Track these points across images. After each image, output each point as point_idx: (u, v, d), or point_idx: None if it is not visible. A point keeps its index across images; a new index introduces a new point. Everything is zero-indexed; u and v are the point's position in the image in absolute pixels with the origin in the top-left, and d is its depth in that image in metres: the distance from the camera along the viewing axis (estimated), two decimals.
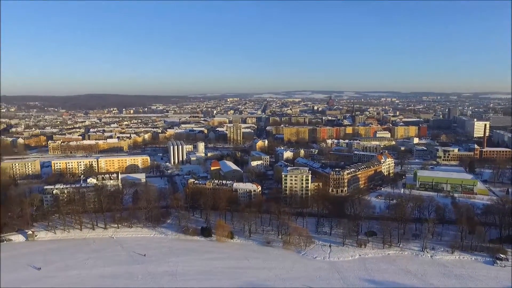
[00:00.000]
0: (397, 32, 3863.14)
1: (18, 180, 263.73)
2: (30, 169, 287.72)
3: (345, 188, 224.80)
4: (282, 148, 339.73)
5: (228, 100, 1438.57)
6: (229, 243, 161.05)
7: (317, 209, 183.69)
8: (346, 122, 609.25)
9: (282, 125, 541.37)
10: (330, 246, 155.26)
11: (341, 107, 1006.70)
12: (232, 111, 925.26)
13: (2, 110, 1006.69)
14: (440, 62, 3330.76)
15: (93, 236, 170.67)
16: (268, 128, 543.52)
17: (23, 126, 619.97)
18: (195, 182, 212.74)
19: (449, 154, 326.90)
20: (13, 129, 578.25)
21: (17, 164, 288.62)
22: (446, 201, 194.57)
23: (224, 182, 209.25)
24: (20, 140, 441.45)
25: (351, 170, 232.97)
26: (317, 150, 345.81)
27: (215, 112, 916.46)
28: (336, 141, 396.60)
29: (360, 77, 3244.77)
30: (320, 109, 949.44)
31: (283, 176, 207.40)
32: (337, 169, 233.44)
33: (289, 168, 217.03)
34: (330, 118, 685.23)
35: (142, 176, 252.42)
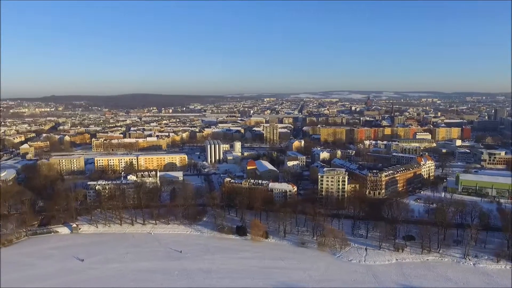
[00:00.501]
0: (439, 29, 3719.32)
1: (65, 175, 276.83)
2: (75, 165, 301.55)
3: (383, 191, 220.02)
4: (319, 148, 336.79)
5: (265, 100, 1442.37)
6: (264, 242, 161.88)
7: (353, 211, 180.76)
8: (384, 123, 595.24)
9: (319, 126, 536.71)
10: (366, 249, 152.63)
11: (379, 107, 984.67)
12: (268, 111, 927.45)
13: (51, 109, 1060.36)
14: (486, 60, 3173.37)
15: (132, 231, 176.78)
16: (304, 128, 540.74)
17: (69, 124, 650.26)
18: (231, 181, 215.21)
19: (495, 158, 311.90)
20: (60, 127, 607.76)
21: (63, 160, 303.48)
22: (491, 207, 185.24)
23: (260, 181, 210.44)
24: (67, 138, 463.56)
25: (389, 172, 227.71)
26: (354, 151, 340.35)
27: (252, 112, 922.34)
28: (374, 142, 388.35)
29: (399, 76, 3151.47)
30: (358, 109, 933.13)
31: (319, 176, 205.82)
32: (375, 171, 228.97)
33: (325, 169, 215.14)
34: (368, 118, 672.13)
35: (179, 174, 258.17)
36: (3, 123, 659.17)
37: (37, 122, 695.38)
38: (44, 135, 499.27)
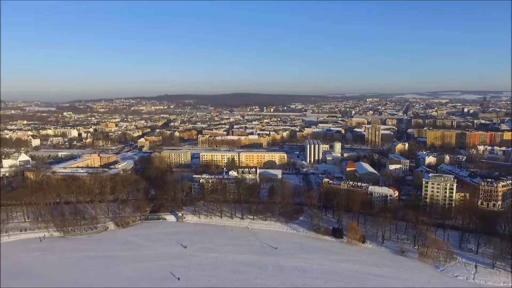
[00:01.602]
0: None
1: (173, 168, 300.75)
2: (182, 159, 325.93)
3: (499, 202, 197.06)
4: (424, 152, 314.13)
5: (368, 100, 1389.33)
6: (360, 247, 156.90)
7: (462, 222, 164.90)
8: (504, 126, 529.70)
9: (425, 128, 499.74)
10: (475, 266, 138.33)
11: (498, 109, 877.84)
12: (371, 112, 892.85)
13: (164, 107, 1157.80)
14: None
15: (231, 224, 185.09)
16: (409, 130, 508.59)
17: (179, 121, 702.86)
18: (330, 182, 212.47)
19: None
20: (171, 124, 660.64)
21: (173, 154, 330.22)
22: None
23: (359, 184, 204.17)
24: (176, 133, 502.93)
25: (507, 182, 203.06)
26: (465, 157, 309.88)
27: (353, 112, 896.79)
28: (489, 148, 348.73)
29: None
30: (471, 111, 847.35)
31: (423, 182, 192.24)
32: (490, 179, 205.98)
33: (431, 174, 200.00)
34: (483, 121, 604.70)
35: (278, 172, 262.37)
36: (125, 119, 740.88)
37: (152, 118, 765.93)
38: (157, 130, 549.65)
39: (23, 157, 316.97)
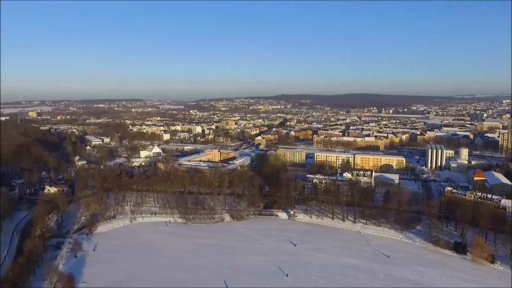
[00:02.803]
0: None
1: (288, 166, 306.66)
2: (297, 158, 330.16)
3: None
4: None
5: (504, 102, 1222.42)
6: (488, 267, 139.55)
7: None
8: None
9: None
10: None
11: None
12: (507, 115, 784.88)
13: (281, 107, 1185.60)
14: None
15: (342, 226, 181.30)
16: None
17: (295, 121, 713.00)
18: (453, 191, 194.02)
19: None
20: (288, 123, 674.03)
21: (288, 153, 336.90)
22: None
23: (489, 196, 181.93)
24: (292, 133, 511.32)
25: None
26: None
27: (485, 115, 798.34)
28: None
29: None
30: None
31: None
32: None
33: None
34: None
35: (395, 177, 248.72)
36: (244, 118, 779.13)
37: (270, 117, 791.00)
38: (274, 129, 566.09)
39: (156, 149, 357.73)
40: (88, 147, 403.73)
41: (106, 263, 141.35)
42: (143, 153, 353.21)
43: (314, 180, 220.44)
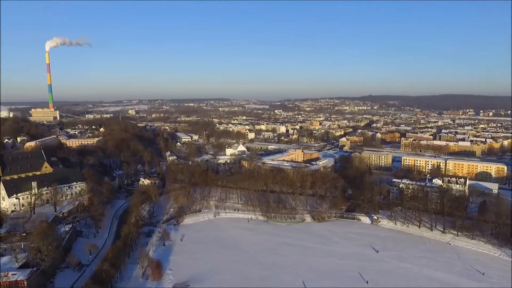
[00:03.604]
0: None
1: (372, 169, 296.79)
2: (382, 161, 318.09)
3: None
4: None
5: None
6: None
7: None
8: None
9: None
10: None
11: None
12: None
13: (367, 108, 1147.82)
14: None
15: (430, 236, 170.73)
16: None
17: (381, 123, 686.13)
18: None
19: None
20: (374, 125, 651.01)
21: (373, 156, 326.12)
22: None
23: None
24: (378, 135, 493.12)
25: None
26: None
27: None
28: None
29: None
30: None
31: None
32: None
33: None
34: None
35: (494, 186, 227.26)
36: (328, 118, 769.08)
37: (355, 118, 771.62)
38: (359, 131, 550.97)
39: (241, 147, 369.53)
40: (178, 143, 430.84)
41: (191, 254, 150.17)
42: (229, 151, 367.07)
43: (400, 185, 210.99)
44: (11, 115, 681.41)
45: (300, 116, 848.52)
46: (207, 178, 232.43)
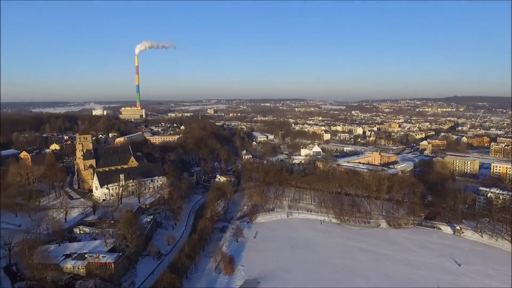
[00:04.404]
0: None
1: (456, 176, 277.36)
2: (468, 167, 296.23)
3: None
4: None
5: None
6: None
7: None
8: None
9: None
10: None
11: None
12: None
13: (452, 110, 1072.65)
14: None
15: None
16: None
17: (468, 126, 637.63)
18: None
19: None
20: (459, 128, 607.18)
21: (457, 161, 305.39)
22: None
23: None
24: (464, 139, 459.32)
25: None
26: None
27: None
28: None
29: None
30: None
31: None
32: None
33: None
34: None
35: None
36: (408, 120, 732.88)
37: (438, 121, 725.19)
38: (442, 134, 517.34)
39: (316, 148, 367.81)
40: (254, 142, 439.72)
41: (263, 251, 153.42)
42: (304, 151, 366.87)
43: (488, 194, 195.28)
44: (104, 113, 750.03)
45: (378, 118, 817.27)
46: (281, 177, 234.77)
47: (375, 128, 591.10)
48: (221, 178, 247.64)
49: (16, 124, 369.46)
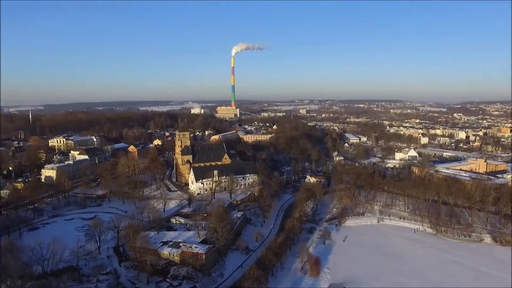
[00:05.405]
0: None
1: None
2: None
3: None
4: None
5: None
6: None
7: None
8: None
9: None
10: None
11: None
12: None
13: None
14: None
15: None
16: None
17: None
18: None
19: None
20: None
21: None
22: None
23: None
24: None
25: None
26: None
27: None
28: None
29: None
30: None
31: None
32: None
33: None
34: None
35: None
36: None
37: None
38: None
39: (412, 152, 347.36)
40: (346, 144, 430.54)
41: (350, 256, 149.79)
42: (398, 155, 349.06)
43: None
44: (202, 111, 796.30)
45: (485, 121, 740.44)
46: (373, 181, 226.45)
47: (480, 133, 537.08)
48: (311, 179, 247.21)
49: (126, 121, 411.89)
